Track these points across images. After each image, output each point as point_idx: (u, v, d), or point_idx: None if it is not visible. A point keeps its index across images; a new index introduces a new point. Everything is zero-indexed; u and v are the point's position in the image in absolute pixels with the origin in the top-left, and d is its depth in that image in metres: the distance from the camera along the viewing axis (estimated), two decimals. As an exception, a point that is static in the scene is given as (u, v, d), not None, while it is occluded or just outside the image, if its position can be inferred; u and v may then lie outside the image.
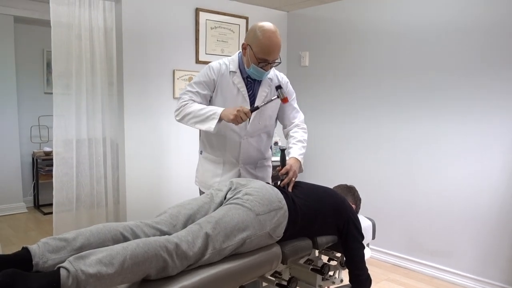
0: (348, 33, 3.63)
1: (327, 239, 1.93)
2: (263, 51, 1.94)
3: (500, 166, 2.80)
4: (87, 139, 3.37)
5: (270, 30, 1.94)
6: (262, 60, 1.97)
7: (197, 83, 2.09)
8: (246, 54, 2.03)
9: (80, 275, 1.16)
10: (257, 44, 1.94)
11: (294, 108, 2.27)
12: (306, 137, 2.22)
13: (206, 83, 2.09)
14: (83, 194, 3.40)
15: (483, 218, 2.90)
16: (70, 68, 3.21)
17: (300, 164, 2.06)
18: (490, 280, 2.88)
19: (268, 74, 2.09)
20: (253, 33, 1.96)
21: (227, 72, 2.09)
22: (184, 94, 2.08)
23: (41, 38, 4.79)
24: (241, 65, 2.10)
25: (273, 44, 1.94)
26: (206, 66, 2.13)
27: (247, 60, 2.03)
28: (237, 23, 3.74)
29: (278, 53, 1.99)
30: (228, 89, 2.09)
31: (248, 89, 2.11)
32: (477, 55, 2.86)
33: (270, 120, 2.21)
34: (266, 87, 2.14)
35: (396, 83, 3.31)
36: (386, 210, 3.43)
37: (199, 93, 2.07)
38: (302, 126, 2.26)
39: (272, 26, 1.96)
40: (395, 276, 3.18)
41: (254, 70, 2.02)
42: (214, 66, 2.11)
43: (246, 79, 2.11)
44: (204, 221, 1.52)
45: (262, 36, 1.93)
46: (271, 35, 1.93)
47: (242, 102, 2.09)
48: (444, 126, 3.05)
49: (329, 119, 3.83)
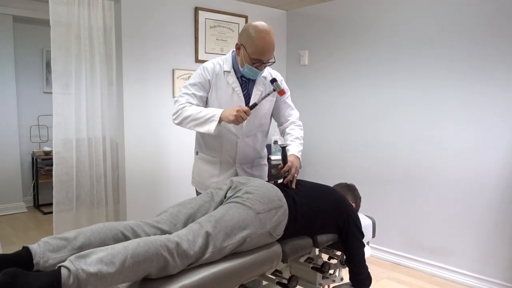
0: (348, 31, 3.63)
1: (327, 237, 1.94)
2: (257, 52, 1.92)
3: (500, 163, 2.80)
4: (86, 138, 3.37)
5: (264, 30, 1.91)
6: (256, 61, 1.95)
7: (192, 85, 2.08)
8: (240, 54, 2.01)
9: (81, 274, 1.16)
10: (250, 45, 1.92)
11: (289, 105, 2.27)
12: (302, 134, 2.22)
13: (201, 84, 2.07)
14: (83, 193, 3.40)
15: (482, 216, 2.90)
16: (70, 67, 3.21)
17: (299, 160, 2.07)
18: (489, 278, 2.89)
19: (263, 73, 2.09)
20: (246, 33, 1.94)
21: (221, 72, 2.08)
22: (181, 97, 2.06)
23: (40, 38, 4.78)
24: (235, 65, 2.09)
25: (267, 44, 1.91)
26: (199, 67, 2.12)
27: (241, 60, 2.02)
28: (236, 22, 3.74)
29: (272, 53, 1.96)
30: (223, 89, 2.08)
31: (243, 89, 2.10)
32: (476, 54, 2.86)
33: (265, 118, 2.20)
34: (260, 86, 2.13)
35: (395, 81, 3.31)
36: (386, 208, 3.43)
37: (195, 95, 2.06)
38: (298, 123, 2.26)
39: (266, 26, 1.93)
40: (395, 274, 3.18)
41: (248, 70, 2.01)
42: (208, 67, 2.09)
43: (240, 78, 2.10)
44: (204, 220, 1.52)
45: (256, 36, 1.90)
46: (265, 35, 1.90)
47: (237, 101, 2.08)
48: (443, 125, 3.05)
49: (328, 118, 3.83)
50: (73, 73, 3.23)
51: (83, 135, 3.35)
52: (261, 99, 2.01)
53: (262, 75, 2.11)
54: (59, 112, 3.19)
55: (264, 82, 2.15)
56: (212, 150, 2.19)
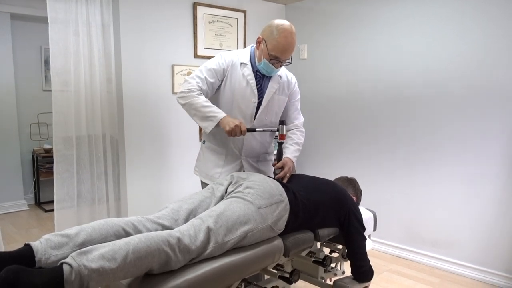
0: (347, 25, 3.61)
1: (328, 231, 1.94)
2: (277, 49, 1.96)
3: (501, 155, 2.80)
4: (86, 135, 3.36)
5: (287, 30, 1.96)
6: (274, 58, 1.99)
7: (207, 70, 2.08)
8: (259, 48, 2.04)
9: (83, 270, 1.17)
10: (272, 41, 1.96)
11: (297, 109, 2.33)
12: (303, 141, 2.27)
13: (216, 71, 2.08)
14: (84, 190, 3.40)
15: (483, 208, 2.91)
16: (68, 64, 3.19)
17: (293, 164, 2.10)
18: (491, 270, 2.90)
19: (278, 71, 2.12)
20: (270, 29, 1.98)
21: (238, 63, 2.11)
22: (192, 79, 2.05)
23: (38, 35, 4.76)
24: (252, 59, 2.13)
25: (287, 44, 1.96)
26: (218, 54, 2.14)
27: (259, 54, 2.05)
28: (235, 17, 3.73)
29: (291, 53, 2.01)
30: (238, 81, 2.10)
31: (257, 83, 2.12)
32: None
33: (276, 117, 2.24)
34: (275, 83, 2.15)
35: (396, 76, 3.30)
36: (387, 201, 3.43)
37: (206, 80, 2.06)
38: (301, 129, 2.32)
39: (290, 27, 1.97)
40: (396, 267, 3.19)
41: (265, 66, 2.04)
42: (227, 56, 2.11)
43: (256, 72, 2.12)
44: (205, 215, 1.53)
45: (278, 34, 1.95)
46: (287, 35, 1.95)
47: (250, 94, 2.10)
48: (443, 114, 3.05)
49: (328, 112, 3.82)
50: (72, 70, 3.22)
51: (83, 132, 3.34)
52: (262, 130, 2.07)
53: (277, 73, 2.15)
54: (58, 110, 3.18)
55: (279, 81, 2.17)
56: (220, 140, 2.21)
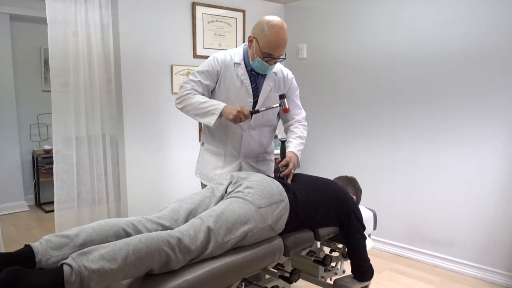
0: (346, 24, 3.61)
1: (328, 230, 1.94)
2: (269, 46, 1.93)
3: (500, 154, 2.80)
4: (86, 136, 3.36)
5: (277, 26, 1.92)
6: (267, 55, 1.96)
7: (200, 72, 2.07)
8: (251, 47, 2.02)
9: (83, 271, 1.17)
10: (263, 38, 1.93)
11: (297, 104, 2.29)
12: (306, 134, 2.24)
13: (209, 73, 2.07)
14: (84, 191, 3.40)
15: (483, 206, 2.91)
16: (68, 65, 3.20)
17: (298, 159, 2.07)
18: (491, 268, 2.90)
19: (273, 68, 2.09)
20: (260, 26, 1.95)
21: (232, 63, 2.09)
22: (187, 83, 2.06)
23: (37, 36, 4.76)
24: (245, 58, 2.10)
25: (279, 40, 1.93)
26: (211, 56, 2.12)
27: (252, 53, 2.03)
28: (234, 17, 3.72)
29: (283, 49, 1.98)
30: (232, 81, 2.08)
31: (252, 82, 2.10)
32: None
33: (273, 115, 2.21)
34: (270, 81, 2.13)
35: (395, 74, 3.30)
36: (387, 200, 3.44)
37: (201, 82, 2.05)
38: (303, 122, 2.28)
39: (280, 22, 1.94)
40: (396, 265, 3.19)
41: (259, 64, 2.01)
42: (219, 57, 2.09)
43: (250, 71, 2.10)
44: (205, 215, 1.53)
45: (269, 31, 1.91)
46: (278, 31, 1.92)
47: (245, 94, 2.09)
48: (444, 117, 3.05)
49: (328, 111, 3.82)
50: (71, 71, 3.22)
51: (83, 133, 3.34)
52: (264, 109, 2.02)
53: (272, 70, 2.12)
54: (58, 110, 3.18)
55: (275, 78, 2.14)
56: (218, 141, 2.20)
